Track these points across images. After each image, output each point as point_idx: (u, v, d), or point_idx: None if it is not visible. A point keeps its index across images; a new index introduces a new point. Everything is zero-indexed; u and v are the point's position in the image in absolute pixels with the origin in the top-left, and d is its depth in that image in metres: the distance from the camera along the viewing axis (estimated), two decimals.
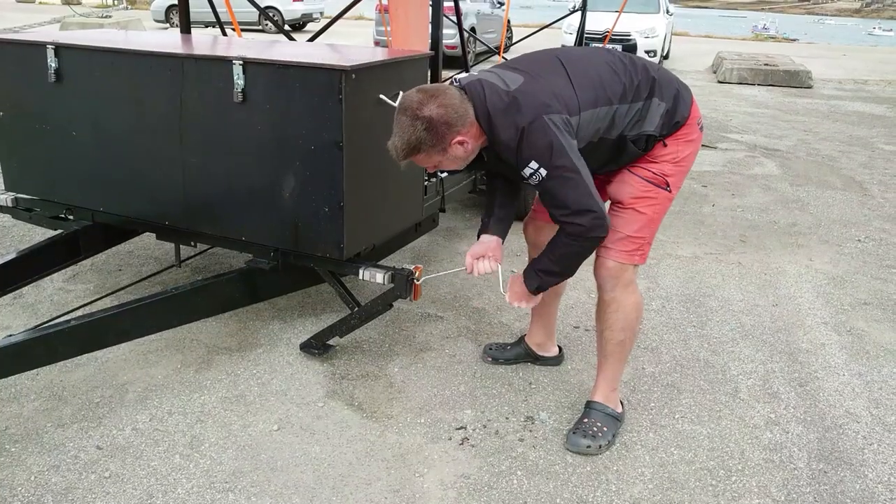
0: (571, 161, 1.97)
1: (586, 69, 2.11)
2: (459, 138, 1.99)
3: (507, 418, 2.50)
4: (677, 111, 2.17)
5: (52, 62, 2.79)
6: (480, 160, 2.14)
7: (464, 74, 2.14)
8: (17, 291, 3.06)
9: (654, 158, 2.21)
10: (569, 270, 2.18)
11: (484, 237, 2.30)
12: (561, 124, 1.97)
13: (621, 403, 2.48)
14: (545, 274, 2.18)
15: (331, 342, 2.84)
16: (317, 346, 2.85)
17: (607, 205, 2.33)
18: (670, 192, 2.23)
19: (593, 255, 2.28)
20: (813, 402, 2.67)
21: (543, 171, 1.98)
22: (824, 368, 2.91)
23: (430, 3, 3.38)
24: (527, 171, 2.00)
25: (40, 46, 2.80)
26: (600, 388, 2.42)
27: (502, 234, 2.32)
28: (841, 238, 4.48)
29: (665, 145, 2.19)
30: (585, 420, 2.38)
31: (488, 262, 2.27)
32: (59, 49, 2.78)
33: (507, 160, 2.05)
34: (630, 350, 2.41)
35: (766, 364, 2.93)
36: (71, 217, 3.12)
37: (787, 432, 2.48)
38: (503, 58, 5.52)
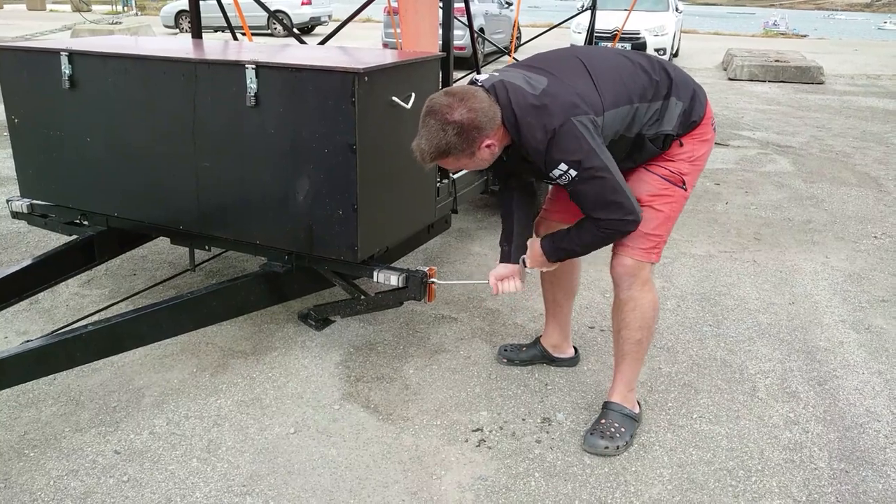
0: (601, 160, 1.99)
1: (607, 69, 2.11)
2: (488, 142, 1.99)
3: (523, 420, 2.49)
4: (693, 111, 2.18)
5: (66, 69, 2.80)
6: (499, 161, 2.13)
7: (483, 75, 2.12)
8: (33, 297, 3.08)
9: (670, 157, 2.21)
10: (589, 252, 2.23)
11: (506, 264, 2.35)
12: (589, 125, 1.98)
13: (638, 404, 2.47)
14: (566, 252, 2.23)
15: (345, 341, 2.85)
16: (315, 319, 2.87)
17: None
18: (686, 190, 2.23)
19: (609, 256, 2.28)
20: (832, 400, 2.64)
21: (573, 173, 1.99)
22: (843, 367, 2.88)
23: (440, 4, 3.38)
24: (556, 173, 2.01)
25: (54, 53, 2.81)
26: (617, 388, 2.41)
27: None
28: (857, 235, 4.44)
29: (682, 144, 2.20)
30: (603, 421, 2.37)
31: (513, 282, 2.34)
32: (73, 56, 2.80)
33: (533, 162, 2.05)
34: (647, 349, 2.40)
35: (784, 363, 2.90)
36: (86, 222, 3.14)
37: (806, 432, 2.46)
38: (514, 58, 5.51)
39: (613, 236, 2.15)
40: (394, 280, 2.63)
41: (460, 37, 9.90)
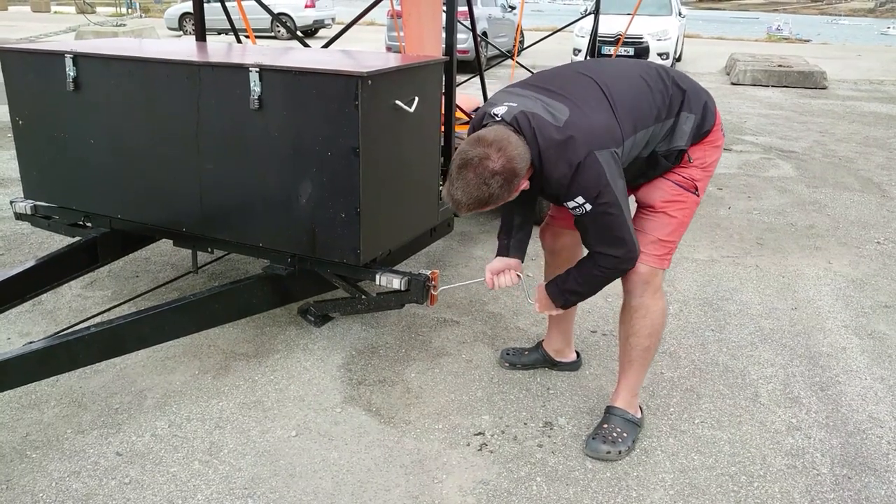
0: (616, 198, 1.98)
1: (624, 93, 2.07)
2: (524, 184, 1.99)
3: (525, 424, 2.49)
4: (705, 120, 2.18)
5: (70, 71, 2.81)
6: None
7: (501, 108, 2.04)
8: (36, 298, 3.08)
9: (683, 164, 2.21)
10: (593, 292, 2.24)
11: (503, 258, 2.32)
12: (610, 159, 1.97)
13: (640, 409, 2.47)
14: (571, 294, 2.24)
15: (347, 344, 2.85)
16: (314, 315, 2.89)
17: (635, 208, 2.32)
18: (698, 196, 2.24)
19: None
20: (835, 406, 2.64)
21: (588, 206, 1.99)
22: (846, 372, 2.87)
23: (443, 8, 3.38)
24: (571, 204, 2.01)
25: (59, 55, 2.82)
26: (621, 393, 2.41)
27: (521, 257, 2.35)
28: (860, 240, 4.43)
29: (690, 160, 2.20)
30: (605, 425, 2.36)
31: (509, 275, 2.31)
32: (78, 58, 2.81)
33: (551, 192, 2.05)
34: (653, 356, 2.40)
35: (787, 368, 2.90)
36: (89, 224, 3.14)
37: (809, 437, 2.45)
38: (517, 62, 5.52)
39: (611, 274, 2.15)
40: (396, 283, 2.63)
41: (463, 40, 9.91)
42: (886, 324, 3.31)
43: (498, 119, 2.01)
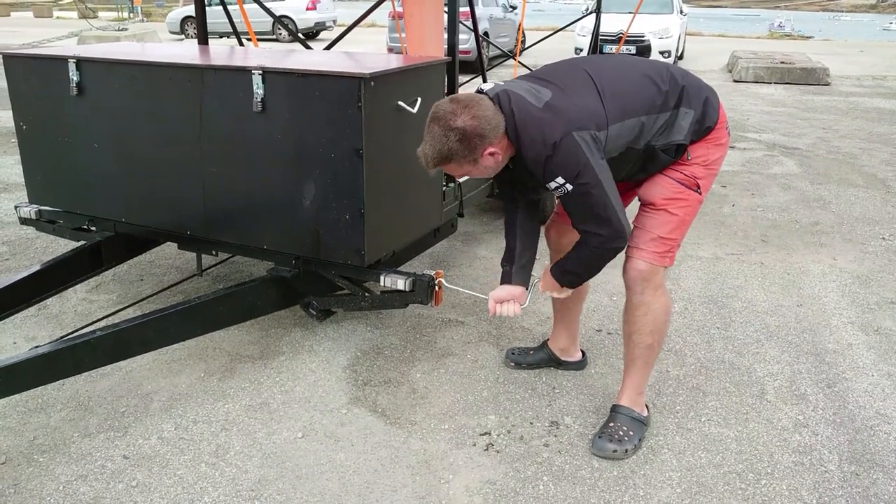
0: (597, 177, 1.98)
1: (614, 82, 2.09)
2: (491, 149, 1.99)
3: (531, 423, 2.49)
4: (707, 116, 2.17)
5: (73, 75, 2.82)
6: (505, 170, 2.13)
7: (488, 85, 2.14)
8: (41, 303, 3.09)
9: (685, 161, 2.21)
10: (592, 273, 2.24)
11: (507, 286, 2.33)
12: (589, 140, 1.97)
13: (646, 407, 2.46)
14: (572, 275, 2.25)
15: (352, 345, 2.85)
16: (316, 309, 2.91)
17: (637, 207, 2.32)
18: (700, 194, 2.22)
19: (622, 258, 2.26)
20: (842, 403, 2.63)
21: (569, 186, 1.99)
22: (852, 369, 2.86)
23: (445, 8, 3.38)
24: (552, 185, 2.02)
25: (62, 60, 2.83)
26: (626, 392, 2.40)
27: (524, 284, 2.35)
28: (865, 236, 4.42)
29: (689, 157, 2.19)
30: (611, 424, 2.36)
31: (511, 306, 2.31)
32: (81, 63, 2.81)
33: (533, 172, 2.06)
34: (658, 354, 2.39)
35: (793, 365, 2.89)
36: (93, 228, 3.15)
37: (816, 434, 2.44)
38: (519, 62, 5.52)
39: (601, 254, 2.12)
40: (401, 284, 2.63)
41: (465, 41, 9.92)
42: (892, 320, 3.30)
43: (483, 93, 2.07)
